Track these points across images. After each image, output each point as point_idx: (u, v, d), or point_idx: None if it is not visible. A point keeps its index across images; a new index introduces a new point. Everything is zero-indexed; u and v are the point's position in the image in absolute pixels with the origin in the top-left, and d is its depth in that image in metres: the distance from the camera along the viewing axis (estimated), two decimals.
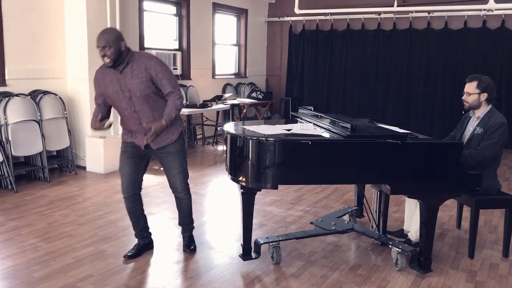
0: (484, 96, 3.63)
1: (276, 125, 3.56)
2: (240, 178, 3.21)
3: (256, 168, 3.13)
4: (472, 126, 3.72)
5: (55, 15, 6.05)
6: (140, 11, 7.34)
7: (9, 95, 5.43)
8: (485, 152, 3.51)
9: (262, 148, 3.08)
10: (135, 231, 3.68)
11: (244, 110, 8.51)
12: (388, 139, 3.08)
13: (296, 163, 3.07)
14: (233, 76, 9.99)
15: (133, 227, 3.69)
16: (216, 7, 9.09)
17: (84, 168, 6.26)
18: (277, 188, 3.14)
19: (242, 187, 3.25)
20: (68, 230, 4.10)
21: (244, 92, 9.70)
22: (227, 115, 8.62)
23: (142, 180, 3.60)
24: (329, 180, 3.39)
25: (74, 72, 6.21)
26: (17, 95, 5.49)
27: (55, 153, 6.14)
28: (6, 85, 5.56)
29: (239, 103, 8.47)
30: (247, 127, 3.47)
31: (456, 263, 3.61)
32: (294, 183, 3.22)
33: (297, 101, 10.28)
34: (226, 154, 3.37)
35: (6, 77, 5.57)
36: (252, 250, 3.52)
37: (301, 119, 4.03)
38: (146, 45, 7.57)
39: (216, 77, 9.34)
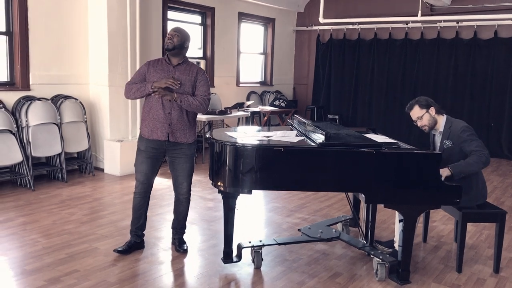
0: (432, 110, 3.67)
1: (260, 132, 3.63)
2: (219, 183, 3.31)
3: (233, 173, 3.21)
4: (438, 141, 3.74)
5: (79, 23, 6.37)
6: (164, 20, 7.59)
7: (31, 99, 5.77)
8: (482, 149, 3.48)
9: (239, 153, 3.17)
10: (131, 227, 3.87)
11: (265, 118, 8.61)
12: (362, 148, 3.09)
13: (270, 169, 3.14)
14: (258, 84, 10.12)
15: (131, 223, 3.87)
16: (242, 16, 9.26)
17: (102, 170, 6.53)
18: (251, 193, 3.22)
19: (220, 191, 3.34)
20: (70, 227, 4.31)
21: (269, 100, 9.79)
22: (249, 122, 8.75)
23: (154, 180, 3.85)
24: (303, 187, 3.43)
25: (95, 78, 6.51)
26: (39, 99, 5.82)
27: (75, 155, 6.44)
28: (30, 90, 5.91)
29: (260, 111, 8.57)
30: (228, 133, 3.56)
31: (441, 276, 3.54)
32: (269, 188, 3.27)
33: (323, 110, 10.31)
34: (209, 160, 3.48)
35: (31, 82, 5.92)
36: (235, 254, 3.60)
37: (293, 126, 4.08)
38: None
39: (241, 85, 9.49)
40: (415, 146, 3.53)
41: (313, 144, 3.22)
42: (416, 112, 3.69)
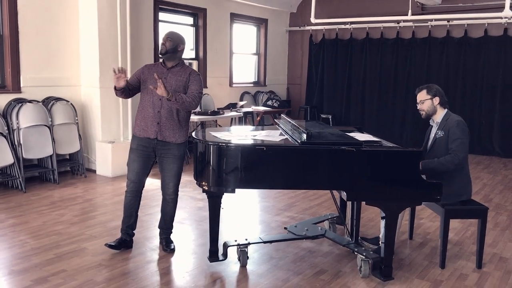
0: (436, 100, 3.74)
1: (247, 131, 3.68)
2: (203, 183, 3.35)
3: (217, 173, 3.25)
4: (433, 132, 3.79)
5: (70, 25, 6.40)
6: (155, 21, 7.63)
7: (22, 101, 5.81)
8: (459, 152, 3.53)
9: (222, 153, 3.21)
10: (122, 226, 3.92)
11: (258, 118, 8.66)
12: (342, 146, 3.14)
13: (253, 168, 3.19)
14: (251, 85, 10.16)
15: (122, 222, 3.92)
16: (234, 17, 9.30)
17: (94, 171, 6.57)
18: (235, 192, 3.26)
19: (204, 191, 3.38)
20: (59, 228, 4.35)
21: (262, 100, 9.83)
22: (242, 122, 8.79)
23: (145, 180, 3.92)
24: (286, 186, 3.46)
25: (86, 80, 6.54)
26: (29, 101, 5.85)
27: (67, 157, 6.48)
28: (21, 92, 5.94)
29: (253, 111, 8.62)
30: (213, 133, 3.61)
31: (424, 272, 3.58)
32: (252, 187, 3.31)
33: (316, 110, 10.36)
34: (194, 160, 3.52)
35: (22, 85, 5.95)
36: (221, 252, 3.64)
37: (279, 126, 4.12)
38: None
39: (234, 85, 9.53)
40: (408, 145, 3.59)
41: (295, 143, 3.27)
42: (421, 96, 3.79)
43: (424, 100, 3.75)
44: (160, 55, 3.79)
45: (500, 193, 6.05)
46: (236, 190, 3.29)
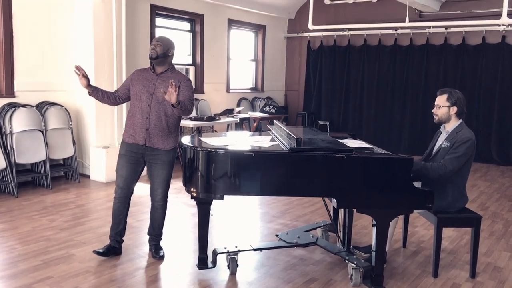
0: (453, 109, 3.58)
1: (238, 137, 3.63)
2: (191, 189, 3.30)
3: (205, 179, 3.21)
4: (441, 140, 3.68)
5: (65, 30, 6.38)
6: (152, 27, 7.61)
7: (16, 105, 5.77)
8: (448, 165, 3.46)
9: (210, 159, 3.17)
10: (111, 233, 3.86)
11: (255, 124, 8.62)
12: (332, 153, 3.09)
13: (242, 174, 3.14)
14: (249, 91, 10.13)
15: (111, 228, 3.87)
16: (232, 23, 9.29)
17: (89, 176, 6.52)
18: (223, 199, 3.22)
19: (193, 197, 3.33)
20: (48, 234, 4.29)
21: (259, 106, 9.81)
22: (238, 128, 8.76)
23: (134, 186, 3.87)
24: (275, 192, 3.41)
25: (81, 85, 6.49)
26: (23, 105, 5.82)
27: (61, 162, 6.43)
28: (15, 96, 5.91)
29: (249, 117, 8.59)
30: (202, 139, 3.57)
31: (417, 281, 3.53)
32: (241, 194, 3.23)
33: (314, 116, 10.33)
34: (182, 166, 3.47)
35: (15, 89, 5.92)
36: (211, 259, 3.58)
37: (271, 132, 4.08)
38: None
39: (231, 91, 9.50)
40: (406, 151, 3.53)
41: (285, 149, 3.22)
42: (440, 100, 3.61)
43: (441, 106, 3.58)
44: (150, 60, 3.72)
45: (497, 201, 5.99)
46: (225, 196, 3.24)
